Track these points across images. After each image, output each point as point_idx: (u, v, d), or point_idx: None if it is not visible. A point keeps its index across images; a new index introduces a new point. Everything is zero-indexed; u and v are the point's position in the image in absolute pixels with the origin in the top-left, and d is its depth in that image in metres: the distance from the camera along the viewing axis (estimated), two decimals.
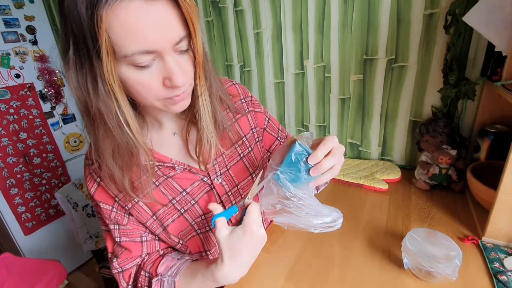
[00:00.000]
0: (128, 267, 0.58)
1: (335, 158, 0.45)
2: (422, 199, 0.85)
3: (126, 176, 0.49)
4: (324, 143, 0.45)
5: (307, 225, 0.44)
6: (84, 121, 0.46)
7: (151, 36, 0.38)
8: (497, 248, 0.64)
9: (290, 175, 0.44)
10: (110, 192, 0.54)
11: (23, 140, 1.67)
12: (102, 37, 0.35)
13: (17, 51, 1.64)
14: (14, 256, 1.32)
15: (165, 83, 0.43)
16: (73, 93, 0.42)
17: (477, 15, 0.71)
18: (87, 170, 0.56)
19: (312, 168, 0.44)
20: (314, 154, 0.44)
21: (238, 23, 1.16)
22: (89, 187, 0.55)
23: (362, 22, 0.93)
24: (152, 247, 0.60)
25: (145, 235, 0.58)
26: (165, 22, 0.38)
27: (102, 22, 0.35)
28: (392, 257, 0.65)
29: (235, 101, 0.65)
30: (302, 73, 1.11)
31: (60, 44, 0.41)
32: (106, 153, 0.46)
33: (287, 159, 0.44)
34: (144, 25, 0.37)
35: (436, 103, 0.92)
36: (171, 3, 0.39)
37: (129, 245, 0.57)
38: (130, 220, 0.56)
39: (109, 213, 0.55)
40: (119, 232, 0.56)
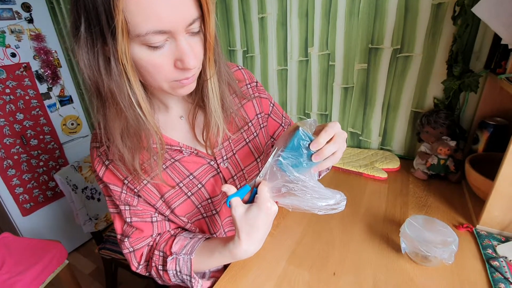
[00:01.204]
0: (139, 246, 0.59)
1: (337, 144, 0.46)
2: (420, 188, 0.87)
3: (136, 158, 0.49)
4: (326, 130, 0.45)
5: (311, 207, 0.46)
6: (94, 101, 0.45)
7: (165, 15, 0.37)
8: (491, 236, 0.66)
9: (292, 160, 0.45)
10: (119, 175, 0.54)
11: (20, 121, 1.65)
12: (118, 16, 0.35)
13: (12, 29, 1.59)
14: (14, 236, 1.33)
15: (177, 64, 0.42)
16: (83, 72, 0.41)
17: (486, 7, 0.71)
18: (94, 152, 0.55)
19: (314, 154, 0.45)
20: (316, 140, 0.44)
21: (242, 7, 1.14)
22: (97, 170, 0.55)
23: (370, 9, 0.92)
24: (162, 227, 0.61)
25: (155, 215, 0.59)
26: (180, 1, 0.38)
27: (119, 1, 0.34)
28: (390, 242, 0.67)
29: (241, 86, 0.65)
30: (306, 61, 1.10)
31: (70, 20, 0.40)
32: (116, 134, 0.46)
33: (289, 145, 0.45)
34: (159, 4, 0.36)
35: (439, 94, 0.93)
36: None
37: (140, 225, 0.58)
38: (139, 201, 0.57)
39: (119, 194, 0.56)
40: (129, 212, 0.57)
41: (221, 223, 0.66)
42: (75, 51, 0.40)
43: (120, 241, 0.60)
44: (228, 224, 0.69)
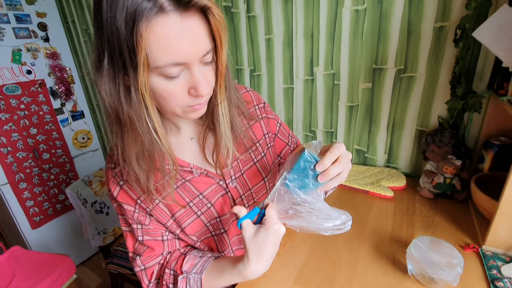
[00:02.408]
0: (151, 264, 0.61)
1: (342, 165, 0.47)
2: (426, 207, 0.87)
3: (150, 179, 0.51)
4: (331, 151, 0.47)
5: (318, 228, 0.47)
6: (113, 127, 0.48)
7: (183, 49, 0.40)
8: (496, 256, 0.66)
9: (298, 182, 0.47)
10: (132, 194, 0.56)
11: (33, 136, 1.70)
12: (141, 52, 0.38)
13: (28, 48, 1.67)
14: (24, 249, 1.35)
15: (191, 92, 0.45)
16: (104, 100, 0.44)
17: (486, 31, 0.73)
18: (110, 173, 0.58)
19: (319, 175, 0.46)
20: (321, 161, 0.46)
21: (250, 28, 1.18)
22: (112, 190, 0.57)
23: (373, 32, 0.95)
24: (173, 245, 0.63)
25: (166, 234, 0.61)
26: (196, 36, 0.41)
27: (142, 39, 0.37)
28: (396, 262, 0.68)
29: (249, 108, 0.68)
30: (311, 80, 1.13)
31: (94, 54, 0.43)
32: (132, 157, 0.48)
33: (296, 167, 0.47)
34: (177, 39, 0.39)
35: (443, 114, 0.94)
36: (203, 19, 0.41)
37: (152, 243, 0.60)
38: (151, 220, 0.59)
39: (132, 213, 0.58)
40: (141, 231, 0.59)
41: (229, 242, 0.67)
42: (98, 82, 0.43)
43: (132, 259, 0.62)
44: (236, 243, 0.70)
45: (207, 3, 0.40)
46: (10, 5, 1.57)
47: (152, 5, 0.37)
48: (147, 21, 0.37)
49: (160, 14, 0.37)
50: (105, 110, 0.46)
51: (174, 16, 0.38)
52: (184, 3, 0.38)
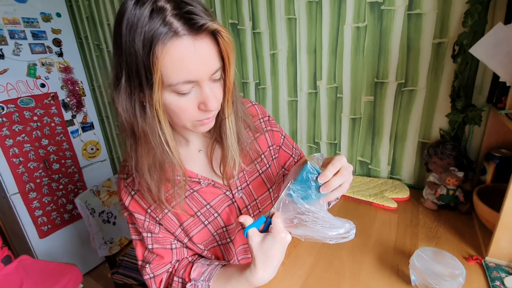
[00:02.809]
0: (160, 272, 0.63)
1: (343, 177, 0.49)
2: (430, 219, 0.88)
3: (161, 189, 0.54)
4: (333, 163, 0.49)
5: (323, 236, 0.48)
6: (127, 140, 0.51)
7: (194, 68, 0.44)
8: (499, 268, 0.67)
9: (302, 192, 0.49)
10: (143, 204, 0.59)
11: (44, 147, 1.75)
12: (157, 72, 0.42)
13: (43, 62, 1.74)
14: (32, 259, 1.38)
15: (200, 107, 0.49)
16: (121, 116, 0.48)
17: (483, 48, 0.76)
18: (122, 183, 0.61)
19: (321, 186, 0.48)
20: (323, 173, 0.48)
21: (255, 44, 1.23)
22: (123, 199, 0.60)
23: (374, 47, 0.99)
24: (181, 254, 0.64)
25: (174, 242, 0.63)
26: (207, 56, 0.45)
27: (158, 60, 0.41)
28: (400, 273, 0.68)
29: (254, 121, 0.71)
30: (315, 93, 1.17)
31: (113, 73, 0.47)
32: (145, 168, 0.51)
33: (299, 178, 0.49)
34: (189, 60, 0.43)
35: (444, 126, 0.96)
36: (213, 40, 0.45)
37: (161, 251, 0.62)
38: (161, 229, 0.61)
39: (142, 222, 0.60)
40: (151, 239, 0.61)
41: (235, 251, 0.69)
42: (115, 98, 0.47)
43: (141, 267, 0.64)
44: (241, 253, 0.72)
45: (217, 27, 0.43)
46: (28, 22, 1.65)
47: (168, 30, 0.41)
48: (163, 44, 0.41)
49: (174, 37, 0.41)
50: (121, 124, 0.50)
51: (187, 39, 0.42)
52: (196, 28, 0.42)
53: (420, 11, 0.88)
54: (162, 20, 0.40)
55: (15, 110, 1.62)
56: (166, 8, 0.41)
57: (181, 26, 0.41)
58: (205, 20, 0.42)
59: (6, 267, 1.28)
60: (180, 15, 0.41)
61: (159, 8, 0.41)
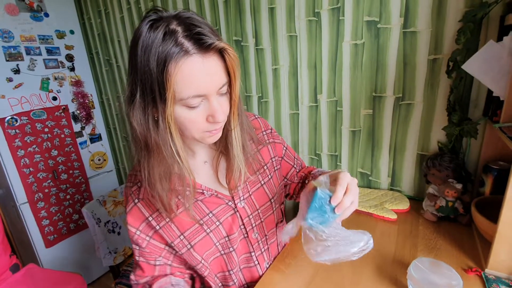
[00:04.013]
0: (141, 282, 0.67)
1: (353, 194, 0.52)
2: (430, 230, 0.89)
3: (172, 197, 0.58)
4: (340, 183, 0.52)
5: (346, 255, 0.51)
6: (140, 152, 0.55)
7: (203, 83, 0.48)
8: (499, 280, 0.67)
9: (319, 218, 0.52)
10: (144, 212, 0.62)
11: (54, 157, 1.81)
12: (170, 88, 0.46)
13: (56, 76, 1.82)
14: (39, 267, 1.40)
15: (208, 119, 0.53)
16: (135, 129, 0.52)
17: (475, 64, 0.79)
18: (128, 191, 0.65)
19: (336, 207, 0.51)
20: (335, 195, 0.51)
21: (258, 60, 1.28)
22: (126, 207, 0.64)
23: (372, 63, 1.03)
24: (162, 271, 0.67)
25: (159, 259, 0.66)
26: (214, 72, 0.49)
27: (171, 77, 0.46)
28: (398, 284, 0.69)
29: (257, 133, 0.75)
30: (315, 106, 1.20)
31: (128, 89, 0.51)
32: (156, 177, 0.55)
33: (312, 206, 0.52)
34: (199, 75, 0.48)
35: (442, 138, 0.98)
36: (220, 58, 0.50)
37: (143, 265, 0.66)
38: (149, 244, 0.64)
39: (132, 235, 0.64)
40: (138, 252, 0.65)
41: (237, 260, 0.71)
42: (129, 114, 0.51)
43: (132, 268, 0.69)
44: (243, 261, 0.74)
45: (224, 46, 0.48)
46: (43, 39, 1.74)
47: (179, 49, 0.45)
48: (176, 62, 0.46)
49: (185, 56, 0.46)
50: (134, 137, 0.53)
51: (197, 57, 0.47)
52: (205, 47, 0.47)
53: (415, 29, 0.92)
54: (175, 41, 0.45)
55: (28, 122, 1.68)
56: (177, 30, 0.46)
57: (191, 45, 0.46)
58: (213, 39, 0.47)
59: (13, 275, 1.31)
60: (190, 36, 0.46)
61: (171, 30, 0.46)
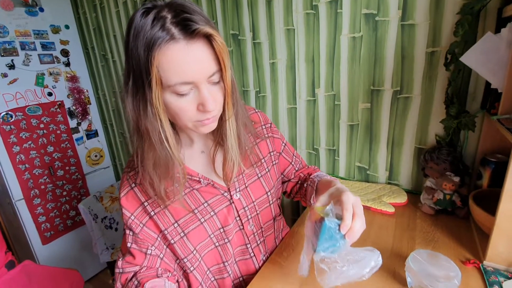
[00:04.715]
0: (127, 271, 0.65)
1: (360, 217, 0.51)
2: (427, 223, 0.89)
3: (162, 184, 0.57)
4: (346, 208, 0.50)
5: (360, 277, 0.51)
6: (135, 137, 0.56)
7: (189, 70, 0.48)
8: (497, 272, 0.67)
9: (330, 248, 0.51)
10: (140, 197, 0.62)
11: (50, 153, 1.79)
12: (153, 71, 0.46)
13: (51, 72, 1.80)
14: (35, 264, 1.39)
15: (199, 108, 0.52)
16: (128, 114, 0.52)
17: (474, 56, 0.79)
18: (125, 176, 0.65)
19: (346, 234, 0.50)
20: (344, 224, 0.49)
21: (255, 54, 1.27)
22: (120, 191, 0.64)
23: (369, 56, 1.02)
24: (153, 262, 0.66)
25: (151, 248, 0.65)
26: (201, 59, 0.48)
27: (154, 60, 0.45)
28: (396, 276, 0.69)
29: (256, 127, 0.74)
30: (313, 100, 1.20)
31: (124, 77, 0.52)
32: (149, 163, 0.55)
33: (322, 238, 0.50)
34: (185, 62, 0.47)
35: (440, 132, 0.98)
36: (207, 44, 0.49)
37: (135, 252, 0.64)
38: (142, 231, 0.64)
39: (127, 219, 0.63)
40: (131, 238, 0.64)
41: (232, 252, 0.71)
42: (124, 99, 0.52)
43: (118, 258, 0.67)
44: (239, 254, 0.73)
45: (209, 31, 0.47)
46: (38, 34, 1.72)
47: (165, 34, 0.45)
48: (160, 47, 0.45)
49: (170, 41, 0.46)
50: (129, 122, 0.54)
51: (183, 42, 0.46)
52: (190, 32, 0.46)
53: (413, 21, 0.91)
54: (162, 27, 0.45)
55: (23, 118, 1.67)
56: (166, 16, 0.46)
57: (178, 31, 0.46)
58: (198, 25, 0.46)
59: (9, 272, 1.30)
60: (177, 22, 0.46)
61: (161, 16, 0.46)
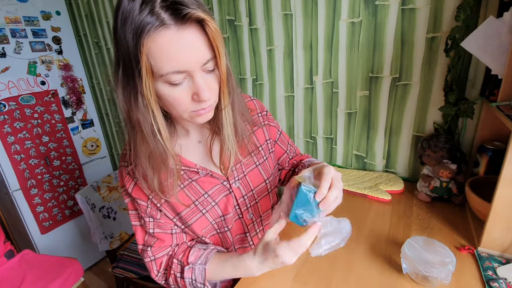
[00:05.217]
0: (160, 255, 0.65)
1: (337, 189, 0.52)
2: (423, 210, 0.90)
3: (155, 177, 0.56)
4: (325, 178, 0.51)
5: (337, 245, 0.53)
6: (127, 128, 0.54)
7: (182, 58, 0.45)
8: (491, 258, 0.68)
9: (304, 214, 0.52)
10: (145, 191, 0.61)
11: (45, 143, 1.77)
12: (142, 60, 0.43)
13: (43, 60, 1.76)
14: (34, 253, 1.40)
15: (194, 97, 0.50)
16: (120, 104, 0.50)
17: (474, 41, 0.77)
18: (123, 170, 0.63)
19: (320, 203, 0.51)
20: (319, 191, 0.50)
21: (252, 40, 1.24)
22: (127, 186, 0.62)
23: (369, 42, 1.00)
24: (180, 238, 0.67)
25: (174, 228, 0.66)
26: (194, 46, 0.46)
27: (143, 48, 0.43)
28: (392, 262, 0.70)
29: (252, 115, 0.73)
30: (311, 88, 1.18)
31: (113, 66, 0.49)
32: (142, 155, 0.53)
33: (297, 201, 0.52)
34: (176, 49, 0.44)
35: (438, 119, 0.97)
36: (199, 30, 0.46)
37: (162, 235, 0.64)
38: (162, 215, 0.64)
39: (145, 208, 0.63)
40: (153, 224, 0.64)
41: (232, 240, 0.71)
42: (116, 89, 0.49)
43: (142, 251, 0.66)
44: (238, 242, 0.74)
45: (202, 16, 0.44)
46: (28, 21, 1.67)
47: (154, 20, 0.42)
48: (149, 33, 0.42)
49: (160, 27, 0.42)
50: (121, 113, 0.52)
51: (174, 28, 0.43)
52: (181, 17, 0.43)
53: (414, 6, 0.89)
54: (151, 11, 0.42)
55: (16, 108, 1.64)
56: (156, 0, 0.42)
57: (167, 16, 0.43)
58: (189, 9, 0.43)
59: (8, 261, 1.31)
60: (167, 6, 0.43)
61: (149, 0, 0.42)
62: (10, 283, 1.20)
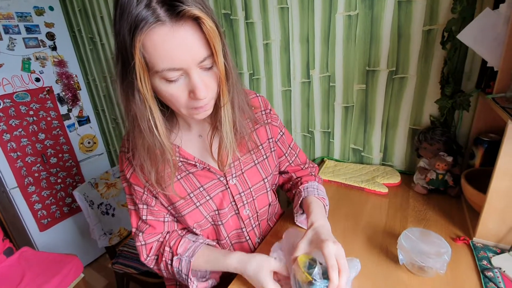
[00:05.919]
0: (150, 241, 0.68)
1: (345, 272, 0.50)
2: (420, 202, 0.90)
3: (153, 169, 0.57)
4: (331, 265, 0.50)
5: None
6: (127, 121, 0.54)
7: (177, 55, 0.45)
8: (486, 248, 0.69)
9: None
10: (142, 179, 0.62)
11: (41, 141, 1.76)
12: (136, 55, 0.43)
13: (37, 56, 1.74)
14: (33, 250, 1.40)
15: (190, 95, 0.50)
16: (119, 99, 0.51)
17: (470, 33, 0.77)
18: (123, 156, 0.64)
19: None
20: (332, 285, 0.49)
21: (248, 34, 1.23)
22: (126, 171, 0.64)
23: (365, 36, 1.00)
24: (172, 226, 0.70)
25: (167, 216, 0.68)
26: (189, 44, 0.45)
27: (137, 43, 0.42)
28: (389, 254, 0.71)
29: (256, 112, 0.72)
30: (308, 82, 1.18)
31: (114, 60, 0.49)
32: (141, 148, 0.54)
33: None
34: (170, 46, 0.44)
35: (434, 112, 0.98)
36: (195, 28, 0.45)
37: (154, 223, 0.66)
38: (157, 203, 0.66)
39: (141, 194, 0.64)
40: (146, 211, 0.66)
41: (226, 234, 0.72)
42: (115, 84, 0.50)
43: (135, 234, 0.69)
44: (235, 237, 0.74)
45: (197, 13, 0.43)
46: (21, 17, 1.64)
47: (150, 16, 0.42)
48: (143, 30, 0.42)
49: (155, 23, 0.42)
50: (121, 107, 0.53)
51: (168, 25, 0.43)
52: (176, 13, 0.42)
53: None
54: (147, 7, 0.41)
55: (11, 105, 1.62)
56: None
57: (163, 12, 0.42)
58: (185, 6, 0.42)
59: (8, 259, 1.31)
60: (164, 2, 0.42)
61: None
62: (10, 280, 1.20)
